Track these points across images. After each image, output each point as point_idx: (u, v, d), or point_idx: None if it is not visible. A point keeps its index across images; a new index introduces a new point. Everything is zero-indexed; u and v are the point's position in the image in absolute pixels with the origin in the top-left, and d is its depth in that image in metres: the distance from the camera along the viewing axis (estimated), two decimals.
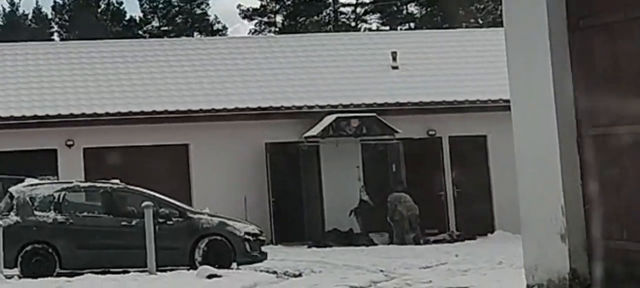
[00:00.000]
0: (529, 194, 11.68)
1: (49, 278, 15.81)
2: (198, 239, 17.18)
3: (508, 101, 12.34)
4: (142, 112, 23.85)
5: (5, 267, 16.13)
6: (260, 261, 17.35)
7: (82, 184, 18.50)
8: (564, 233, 10.98)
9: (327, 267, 17.19)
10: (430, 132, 24.88)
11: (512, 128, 12.06)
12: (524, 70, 11.37)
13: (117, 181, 18.07)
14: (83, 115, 23.60)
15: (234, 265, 16.91)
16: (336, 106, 24.44)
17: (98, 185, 18.00)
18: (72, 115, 23.56)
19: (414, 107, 24.63)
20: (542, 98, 11.15)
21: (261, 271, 16.50)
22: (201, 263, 16.43)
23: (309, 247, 22.13)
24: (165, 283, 14.52)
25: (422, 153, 24.32)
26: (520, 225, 12.03)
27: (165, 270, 16.24)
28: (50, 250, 16.83)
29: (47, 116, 23.45)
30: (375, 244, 22.23)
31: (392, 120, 23.97)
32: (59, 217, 17.15)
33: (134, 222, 17.12)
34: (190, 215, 17.56)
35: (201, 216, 17.59)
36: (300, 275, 16.12)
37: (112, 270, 16.60)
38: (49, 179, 19.77)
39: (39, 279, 15.65)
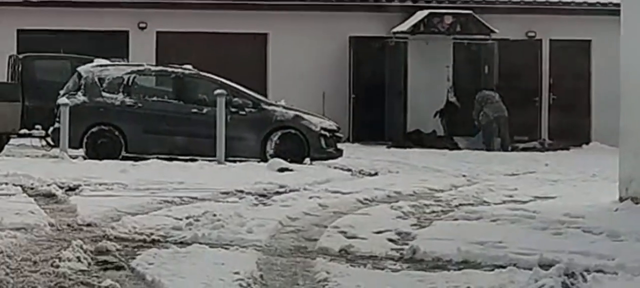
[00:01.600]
0: (632, 103, 11.53)
1: (114, 161, 16.18)
2: (271, 131, 17.35)
3: (618, 5, 12.09)
4: None
5: (70, 147, 16.58)
6: (335, 158, 17.48)
7: (152, 68, 18.77)
8: None
9: (405, 168, 17.26)
10: (530, 34, 24.58)
11: (620, 33, 11.84)
12: None
13: (190, 67, 18.26)
14: None
15: (307, 160, 17.05)
16: (430, 1, 24.23)
17: (169, 69, 18.23)
18: None
19: (514, 6, 24.35)
20: None
21: (335, 168, 16.65)
22: (273, 157, 16.62)
23: (389, 147, 22.20)
24: (234, 173, 14.76)
25: (518, 55, 24.07)
26: (619, 136, 11.91)
27: (234, 161, 16.48)
28: (116, 133, 17.21)
29: None
30: (460, 148, 22.19)
31: (489, 18, 23.73)
32: (127, 100, 17.47)
33: (204, 110, 17.36)
34: (264, 106, 17.73)
35: (276, 108, 17.75)
36: (376, 174, 16.21)
37: (179, 157, 16.90)
38: (119, 61, 20.04)
39: (104, 161, 16.03)
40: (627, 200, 11.36)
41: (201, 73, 18.12)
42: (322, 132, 17.47)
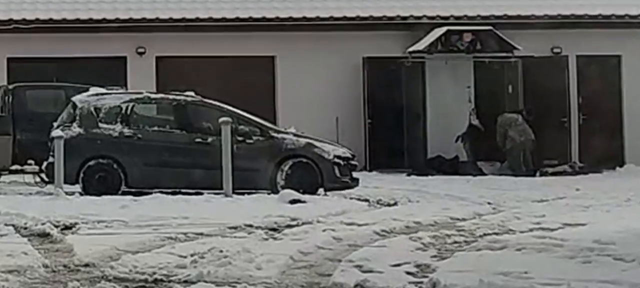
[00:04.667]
0: None
1: (114, 197, 16.30)
2: (281, 161, 17.47)
3: None
4: (224, 19, 24.14)
5: (65, 182, 16.70)
6: (351, 188, 17.58)
7: (152, 95, 18.91)
8: None
9: (426, 196, 17.34)
10: (555, 50, 24.68)
11: None
12: None
13: (192, 93, 18.42)
14: (157, 19, 24.00)
15: (321, 190, 17.17)
16: (447, 18, 24.37)
17: (171, 97, 18.37)
18: (144, 19, 23.98)
19: (538, 21, 24.44)
20: None
21: (351, 198, 16.75)
22: (284, 188, 16.72)
23: (408, 175, 22.31)
24: (243, 206, 14.86)
25: (544, 73, 24.14)
26: None
27: (242, 193, 16.58)
28: (115, 166, 17.33)
29: (117, 20, 23.92)
30: (485, 174, 22.33)
31: (511, 35, 23.84)
32: (126, 131, 17.62)
33: (209, 140, 17.50)
34: (273, 134, 17.85)
35: (285, 136, 17.87)
36: (395, 204, 16.29)
37: (183, 190, 17.03)
38: (116, 89, 20.23)
39: (103, 197, 16.15)
40: None
41: (205, 100, 18.26)
42: (336, 160, 17.58)
